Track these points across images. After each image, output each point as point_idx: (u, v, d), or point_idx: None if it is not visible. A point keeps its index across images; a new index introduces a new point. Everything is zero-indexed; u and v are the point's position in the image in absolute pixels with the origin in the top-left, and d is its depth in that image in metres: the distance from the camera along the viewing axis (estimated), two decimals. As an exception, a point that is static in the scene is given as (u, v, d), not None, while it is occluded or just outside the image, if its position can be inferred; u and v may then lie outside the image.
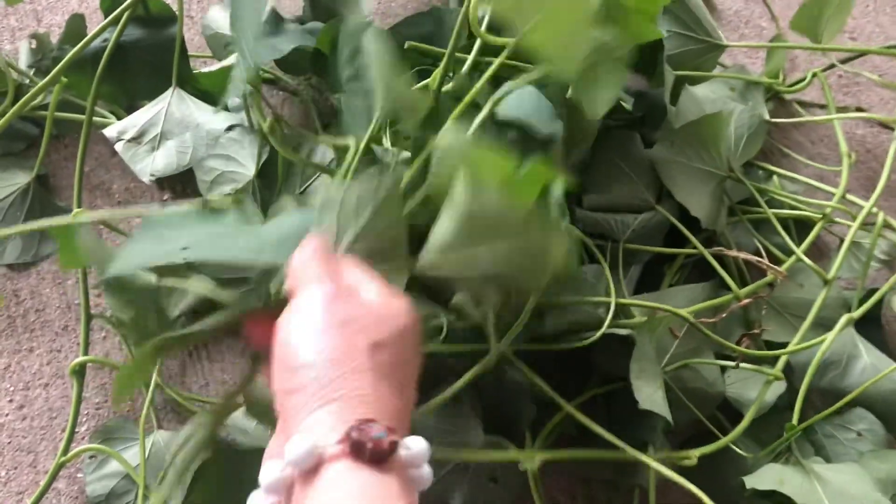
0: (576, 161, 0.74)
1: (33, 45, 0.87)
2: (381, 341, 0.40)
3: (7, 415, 0.71)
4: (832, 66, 0.93)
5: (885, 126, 0.95)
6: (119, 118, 0.80)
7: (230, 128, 0.72)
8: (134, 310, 0.56)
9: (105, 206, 0.82)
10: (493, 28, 0.71)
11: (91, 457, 0.69)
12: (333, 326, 0.39)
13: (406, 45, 0.71)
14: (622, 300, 0.69)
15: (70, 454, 0.67)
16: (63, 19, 0.96)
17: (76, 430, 0.69)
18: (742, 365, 0.71)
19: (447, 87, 0.72)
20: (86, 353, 0.70)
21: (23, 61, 0.86)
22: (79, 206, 0.72)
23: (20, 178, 0.80)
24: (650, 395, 0.64)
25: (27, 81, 0.83)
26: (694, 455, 0.65)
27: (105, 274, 0.50)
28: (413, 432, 0.47)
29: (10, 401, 0.71)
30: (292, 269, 0.44)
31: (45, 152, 0.80)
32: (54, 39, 0.90)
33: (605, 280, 0.70)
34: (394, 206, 0.53)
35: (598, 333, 0.67)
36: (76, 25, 0.85)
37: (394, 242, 0.53)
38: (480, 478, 0.68)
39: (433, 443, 0.61)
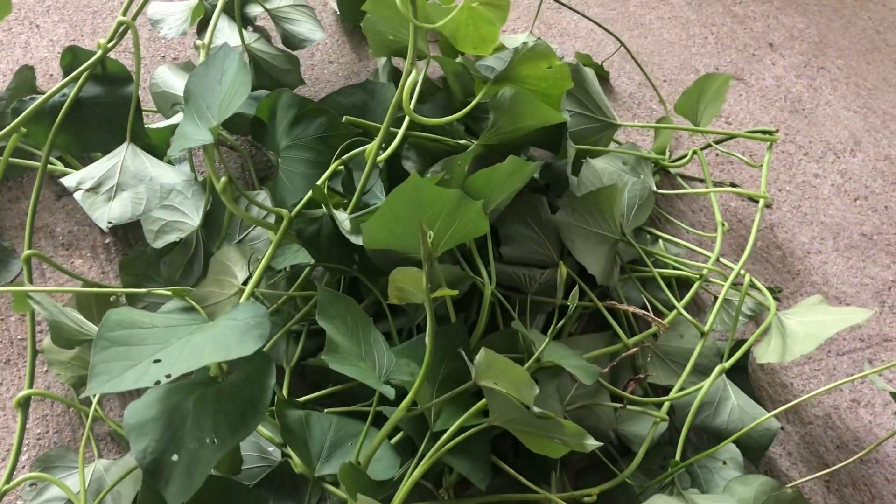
0: (493, 217, 0.83)
1: (-20, 94, 0.91)
2: None
3: (-52, 445, 0.73)
4: (709, 145, 1.05)
5: (753, 200, 1.09)
6: (68, 166, 0.85)
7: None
8: None
9: (48, 247, 0.86)
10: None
11: (31, 485, 0.72)
12: None
13: (344, 119, 0.79)
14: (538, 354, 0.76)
15: (13, 482, 0.69)
16: (7, 67, 1.00)
17: (17, 459, 0.72)
18: (630, 406, 0.81)
19: (380, 158, 0.80)
20: (31, 386, 0.73)
21: (-31, 108, 0.89)
22: (29, 248, 0.76)
23: (-35, 219, 0.83)
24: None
25: (-25, 127, 0.87)
26: (594, 493, 0.73)
27: (87, 393, 0.55)
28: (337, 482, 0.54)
29: (-48, 431, 0.74)
30: None
31: (-7, 195, 0.84)
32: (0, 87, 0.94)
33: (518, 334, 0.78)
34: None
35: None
36: (26, 77, 0.90)
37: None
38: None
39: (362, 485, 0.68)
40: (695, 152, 1.03)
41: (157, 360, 0.58)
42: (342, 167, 0.80)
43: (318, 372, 0.78)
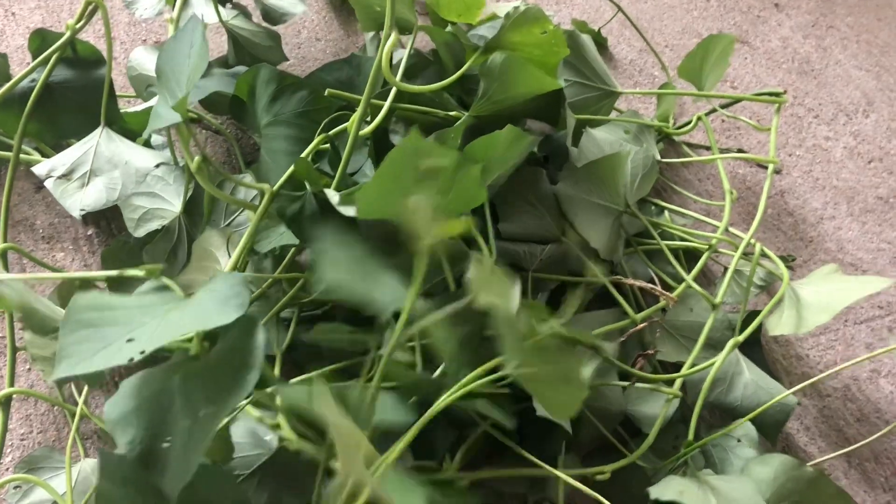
0: (492, 193, 0.79)
1: (-46, 83, 0.87)
2: None
3: (-72, 449, 0.70)
4: (714, 110, 1.01)
5: (761, 166, 1.05)
6: (44, 155, 0.82)
7: (157, 165, 0.75)
8: None
9: (28, 241, 0.83)
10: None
11: (16, 487, 0.70)
12: None
13: (326, 92, 0.75)
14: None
15: (-4, 484, 0.67)
16: (-18, 57, 0.97)
17: (0, 461, 0.70)
18: (640, 385, 0.77)
19: (364, 131, 0.77)
20: (12, 384, 0.70)
21: (-58, 98, 0.86)
22: (4, 241, 0.73)
23: (-60, 214, 0.80)
24: (550, 406, 0.69)
25: (-53, 118, 0.84)
26: (607, 470, 0.70)
27: (54, 376, 0.51)
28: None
29: (-69, 435, 0.71)
30: None
31: (-33, 188, 0.80)
32: (-26, 77, 0.91)
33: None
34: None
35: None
36: (0, 64, 0.86)
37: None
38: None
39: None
40: (699, 118, 0.99)
41: (131, 340, 0.54)
42: (327, 146, 0.76)
43: (311, 356, 0.75)
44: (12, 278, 0.65)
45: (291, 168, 0.73)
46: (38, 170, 0.71)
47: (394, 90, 0.77)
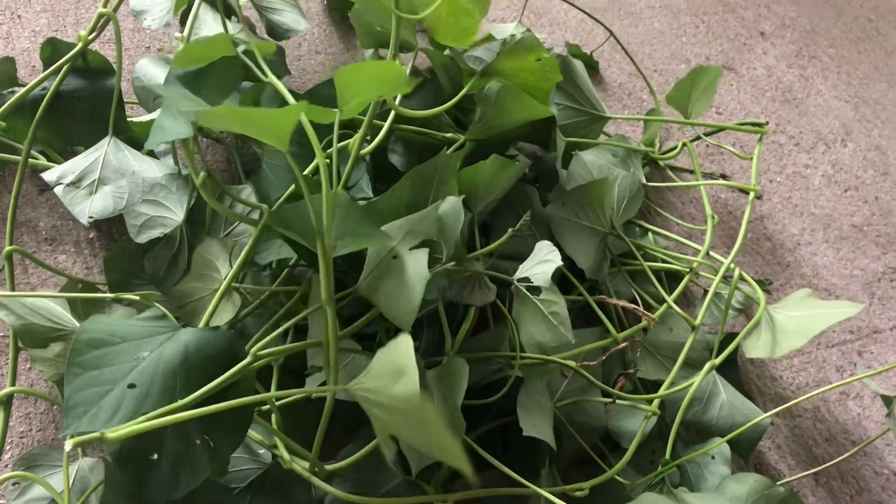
0: (484, 214, 0.82)
1: (-39, 86, 0.89)
2: None
3: (-71, 445, 0.72)
4: (698, 137, 1.05)
5: (743, 191, 1.08)
6: (51, 160, 0.84)
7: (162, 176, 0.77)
8: None
9: (31, 243, 0.85)
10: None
11: (14, 484, 0.72)
12: None
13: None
14: (525, 355, 0.73)
15: (-4, 481, 0.69)
16: (-13, 59, 0.98)
17: (0, 458, 0.72)
18: (620, 402, 0.80)
19: (365, 150, 0.79)
20: (13, 383, 0.72)
21: (-51, 100, 0.88)
22: (10, 244, 0.75)
23: (-55, 214, 0.82)
24: (535, 424, 0.72)
25: (-45, 120, 0.86)
26: (586, 487, 0.72)
27: (64, 431, 0.54)
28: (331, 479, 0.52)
29: (-67, 431, 0.73)
30: None
31: (-27, 190, 0.82)
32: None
33: (508, 329, 0.77)
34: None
35: (503, 390, 0.73)
36: (6, 69, 0.88)
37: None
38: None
39: (353, 489, 0.67)
40: (685, 144, 1.03)
41: (132, 385, 0.57)
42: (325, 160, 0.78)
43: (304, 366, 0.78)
44: (10, 296, 0.68)
45: (292, 187, 0.76)
46: (48, 176, 0.73)
47: (392, 112, 0.80)
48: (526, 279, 0.69)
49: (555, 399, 0.79)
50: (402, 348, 0.54)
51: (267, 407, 0.72)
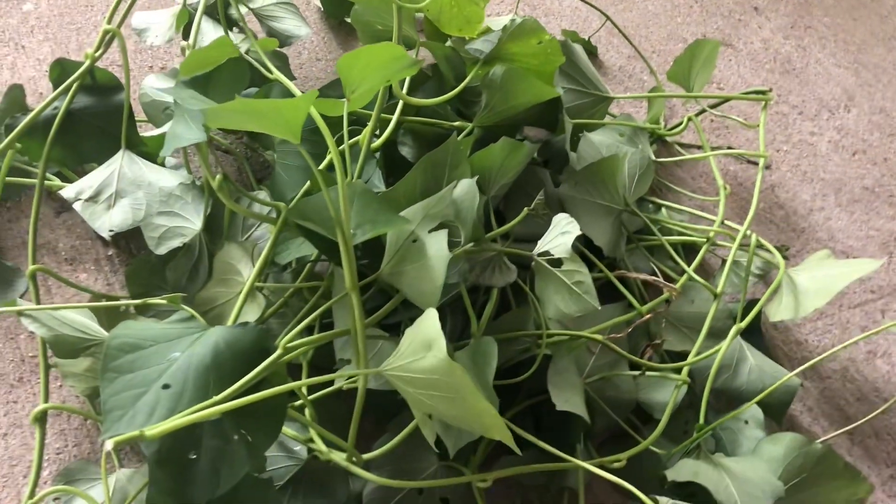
0: (497, 199, 0.83)
1: (-28, 116, 0.90)
2: None
3: (-33, 467, 0.73)
4: (703, 111, 1.05)
5: (751, 162, 1.09)
6: (66, 180, 0.85)
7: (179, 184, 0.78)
8: None
9: (52, 263, 0.86)
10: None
11: (55, 499, 0.72)
12: None
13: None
14: (551, 332, 0.75)
15: (36, 497, 0.69)
16: (-5, 89, 1.00)
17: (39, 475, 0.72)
18: (649, 374, 0.80)
19: (375, 144, 0.80)
20: (46, 401, 0.73)
21: (-39, 130, 0.89)
22: (33, 263, 0.75)
23: (-33, 241, 0.83)
24: (567, 399, 0.72)
25: (-32, 149, 0.87)
26: (623, 458, 0.72)
27: (103, 435, 0.55)
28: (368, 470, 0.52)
29: (-30, 453, 0.74)
30: None
31: (-8, 216, 0.83)
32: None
33: (531, 309, 0.78)
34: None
35: (532, 369, 0.73)
36: (16, 95, 0.89)
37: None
38: (433, 497, 0.73)
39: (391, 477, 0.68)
40: (690, 119, 1.03)
41: (166, 386, 0.58)
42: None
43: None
44: (40, 309, 0.69)
45: (307, 184, 0.76)
46: (67, 193, 0.74)
47: (400, 105, 0.81)
48: (546, 253, 0.70)
49: (584, 375, 0.79)
50: (428, 322, 0.55)
51: (300, 402, 0.72)
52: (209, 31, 0.89)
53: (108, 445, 0.52)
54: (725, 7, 1.29)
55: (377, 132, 0.80)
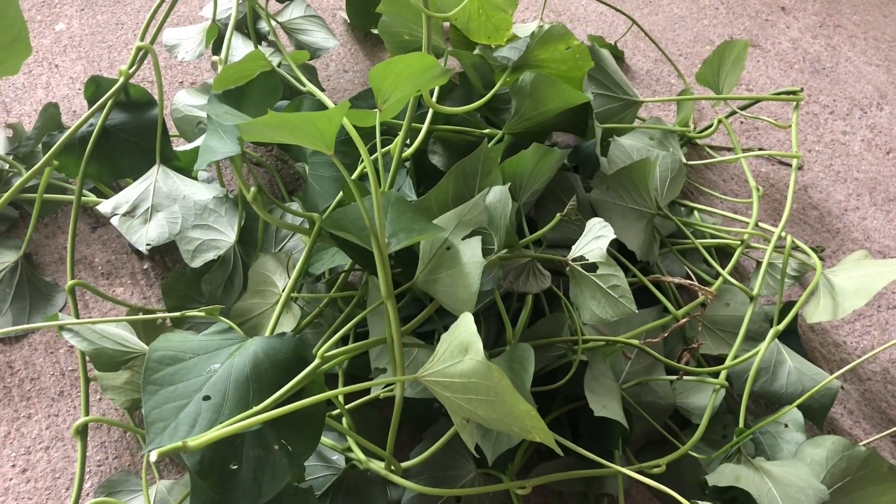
0: (529, 206, 0.83)
1: (10, 135, 0.92)
2: None
3: (11, 479, 0.74)
4: (733, 112, 1.04)
5: (783, 163, 1.07)
6: (101, 195, 0.86)
7: (214, 197, 0.79)
8: None
9: (89, 278, 0.87)
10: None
11: (98, 512, 0.73)
12: None
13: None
14: (587, 337, 0.75)
15: (79, 510, 0.70)
16: (31, 108, 1.01)
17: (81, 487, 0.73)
18: (687, 378, 0.80)
19: (406, 153, 0.81)
20: (87, 413, 0.74)
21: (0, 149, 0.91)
22: (72, 278, 0.76)
23: (7, 257, 0.84)
24: (605, 405, 0.71)
25: (6, 167, 0.88)
26: (662, 463, 0.71)
27: (147, 447, 0.56)
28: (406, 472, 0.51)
29: (13, 466, 0.74)
30: None
31: (29, 232, 0.85)
32: (27, 127, 0.96)
33: (566, 315, 0.77)
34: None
35: (569, 375, 0.73)
36: (52, 113, 0.91)
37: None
38: (471, 504, 0.74)
39: (428, 479, 0.67)
40: (720, 121, 1.02)
41: (207, 397, 0.58)
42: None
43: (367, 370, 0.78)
44: (81, 323, 0.69)
45: (340, 195, 0.77)
46: (104, 208, 0.75)
47: (430, 114, 0.81)
48: (581, 258, 0.69)
49: (620, 381, 0.78)
50: (463, 326, 0.55)
51: (337, 411, 0.72)
52: (239, 46, 0.90)
53: (153, 457, 0.53)
54: (752, 8, 1.28)
55: (407, 141, 0.81)
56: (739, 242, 0.88)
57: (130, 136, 0.80)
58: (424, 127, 0.81)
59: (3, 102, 1.01)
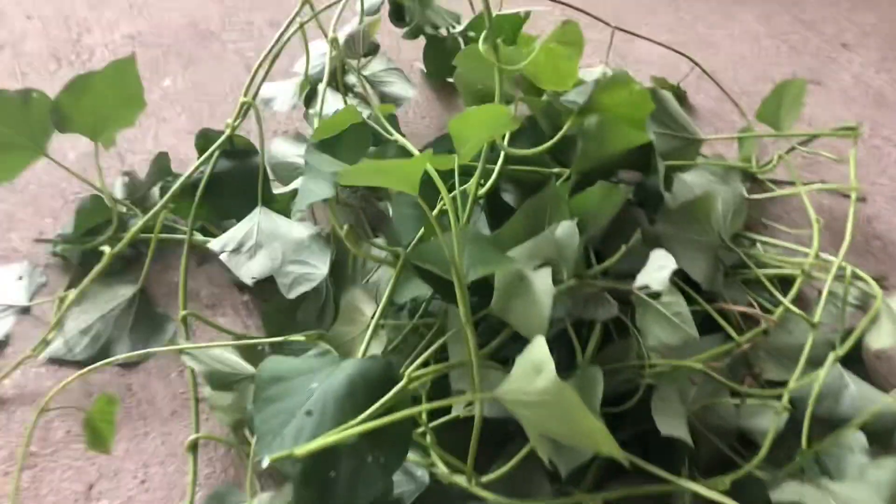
0: (596, 235, 0.88)
1: (126, 181, 1.03)
2: None
3: (132, 489, 0.82)
4: (793, 148, 1.09)
5: (844, 195, 1.11)
6: (209, 234, 0.96)
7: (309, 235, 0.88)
8: None
9: (196, 309, 0.96)
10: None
11: (207, 519, 0.81)
12: None
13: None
14: (653, 362, 0.79)
15: (192, 517, 0.78)
16: (142, 158, 1.13)
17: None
18: (750, 401, 0.83)
19: (482, 191, 0.88)
20: (197, 431, 0.82)
21: (117, 194, 1.01)
22: (184, 308, 0.86)
23: (125, 291, 0.94)
24: (671, 424, 0.76)
25: (125, 210, 0.99)
26: (727, 480, 0.75)
27: (258, 457, 0.63)
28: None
29: (134, 477, 0.83)
30: None
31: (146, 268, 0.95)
32: (140, 174, 1.07)
33: (633, 341, 0.82)
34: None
35: (637, 397, 0.77)
36: (162, 161, 1.01)
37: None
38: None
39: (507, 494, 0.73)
40: (780, 157, 1.07)
41: (309, 413, 0.65)
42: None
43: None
44: (198, 348, 0.79)
45: (421, 230, 0.84)
46: (214, 246, 0.84)
47: (502, 155, 0.88)
48: (645, 286, 0.75)
49: (687, 404, 0.82)
50: (537, 348, 0.61)
51: (421, 429, 0.79)
52: (329, 98, 0.99)
53: (265, 463, 0.61)
54: (813, 45, 1.32)
55: (482, 181, 0.88)
56: (801, 272, 0.92)
57: (235, 181, 0.90)
58: (497, 168, 0.88)
59: (119, 153, 1.13)
